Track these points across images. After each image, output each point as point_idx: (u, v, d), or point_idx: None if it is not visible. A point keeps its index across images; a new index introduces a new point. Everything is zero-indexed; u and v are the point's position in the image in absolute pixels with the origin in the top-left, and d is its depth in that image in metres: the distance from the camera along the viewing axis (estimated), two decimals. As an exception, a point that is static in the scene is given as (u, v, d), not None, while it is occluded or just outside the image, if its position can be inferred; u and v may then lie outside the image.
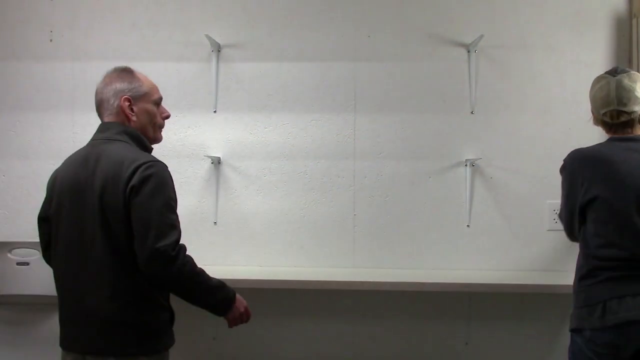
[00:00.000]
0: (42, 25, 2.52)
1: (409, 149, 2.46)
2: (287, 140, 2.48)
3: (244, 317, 1.79)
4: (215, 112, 2.50)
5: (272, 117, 2.49)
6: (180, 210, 1.96)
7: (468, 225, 2.45)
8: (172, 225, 1.54)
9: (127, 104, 1.63)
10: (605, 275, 1.63)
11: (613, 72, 1.78)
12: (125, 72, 1.67)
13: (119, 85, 1.64)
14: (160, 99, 1.75)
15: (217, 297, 1.69)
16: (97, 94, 1.66)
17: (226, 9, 2.50)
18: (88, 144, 1.65)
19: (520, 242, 2.43)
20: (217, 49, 2.48)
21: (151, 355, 1.58)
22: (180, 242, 1.57)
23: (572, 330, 1.70)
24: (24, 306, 2.46)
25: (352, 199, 2.48)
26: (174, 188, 1.60)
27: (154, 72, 2.49)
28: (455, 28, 2.46)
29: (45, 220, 1.66)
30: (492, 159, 2.43)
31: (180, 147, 2.50)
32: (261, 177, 2.49)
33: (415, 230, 2.45)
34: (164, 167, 1.59)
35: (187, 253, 1.59)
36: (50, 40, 2.52)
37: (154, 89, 1.73)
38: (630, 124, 1.74)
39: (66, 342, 1.61)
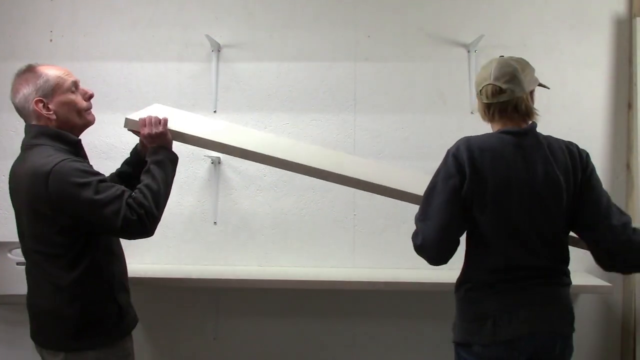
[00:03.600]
0: (42, 25, 2.52)
1: (408, 149, 2.46)
2: (287, 140, 2.48)
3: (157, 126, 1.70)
4: (215, 112, 2.50)
5: (272, 117, 2.49)
6: (180, 210, 1.97)
7: (468, 225, 2.45)
8: (113, 198, 1.48)
9: (40, 105, 1.56)
10: (497, 288, 1.50)
11: (500, 56, 1.63)
12: (28, 73, 1.59)
13: (25, 90, 1.57)
14: (75, 82, 1.64)
15: (169, 171, 1.67)
16: (13, 104, 1.62)
17: (226, 9, 2.50)
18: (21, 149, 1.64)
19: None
20: (217, 49, 2.48)
21: (99, 349, 1.59)
22: (122, 190, 1.52)
23: (457, 344, 1.57)
24: (24, 306, 2.45)
25: (352, 199, 2.48)
26: (78, 166, 1.51)
27: (154, 72, 2.51)
28: (455, 28, 2.46)
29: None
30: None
31: (180, 147, 2.49)
32: (261, 177, 2.49)
33: (415, 230, 2.45)
34: (62, 163, 1.50)
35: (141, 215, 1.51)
36: (50, 40, 2.52)
37: (63, 77, 1.61)
38: (509, 107, 1.55)
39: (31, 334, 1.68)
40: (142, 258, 2.49)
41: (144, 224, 1.51)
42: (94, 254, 1.59)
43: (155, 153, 1.67)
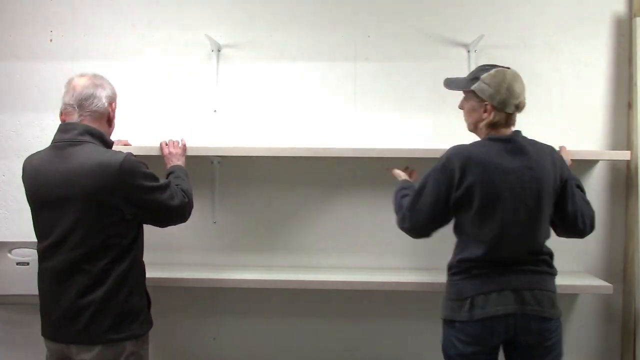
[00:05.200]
0: (42, 25, 2.52)
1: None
2: (287, 140, 2.48)
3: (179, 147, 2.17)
4: (215, 112, 2.50)
5: (272, 117, 2.49)
6: (180, 210, 1.97)
7: (468, 225, 2.45)
8: (167, 184, 1.77)
9: (114, 107, 1.85)
10: (474, 272, 1.71)
11: (502, 67, 1.80)
12: (101, 77, 1.84)
13: (109, 89, 1.82)
14: None
15: (187, 179, 2.00)
16: (83, 94, 1.73)
17: (226, 9, 2.50)
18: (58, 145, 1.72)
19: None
20: (217, 49, 2.48)
21: (134, 340, 1.69)
22: (168, 180, 1.85)
23: (444, 321, 1.79)
24: (24, 306, 2.46)
25: (353, 199, 2.48)
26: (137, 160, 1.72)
27: (154, 72, 2.51)
28: (455, 28, 2.46)
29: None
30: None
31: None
32: (261, 177, 2.49)
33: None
34: (128, 156, 1.70)
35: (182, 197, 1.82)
36: (50, 40, 2.52)
37: None
38: (512, 120, 1.80)
39: (49, 332, 1.72)
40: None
41: (189, 209, 1.84)
42: (140, 245, 1.76)
43: (178, 167, 2.06)
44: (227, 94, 2.50)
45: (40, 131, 2.51)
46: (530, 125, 2.43)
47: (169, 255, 2.49)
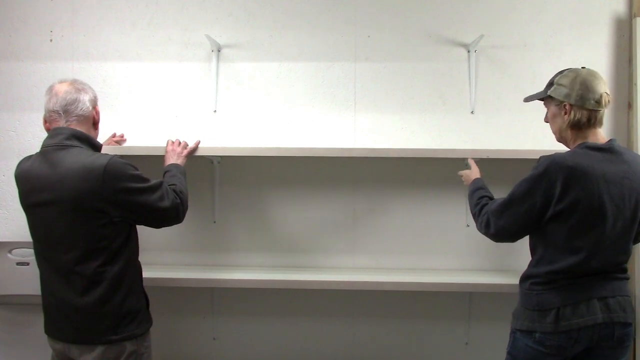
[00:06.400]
0: (42, 25, 2.52)
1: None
2: (287, 140, 2.48)
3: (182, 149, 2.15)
4: (215, 112, 2.50)
5: (272, 117, 2.49)
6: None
7: (468, 225, 2.45)
8: (159, 184, 1.75)
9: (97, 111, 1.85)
10: (561, 283, 1.65)
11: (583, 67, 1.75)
12: (81, 82, 1.82)
13: (91, 93, 1.81)
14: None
15: (185, 182, 1.97)
16: (67, 100, 1.74)
17: (226, 9, 2.50)
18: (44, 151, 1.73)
19: (520, 242, 2.42)
20: (217, 49, 2.48)
21: (134, 340, 1.71)
22: (161, 180, 1.81)
23: (519, 330, 1.72)
24: (24, 306, 2.46)
25: (352, 199, 2.48)
26: (124, 161, 1.71)
27: (154, 72, 2.51)
28: (455, 28, 2.46)
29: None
30: (492, 159, 2.43)
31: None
32: (261, 177, 2.49)
33: (415, 231, 2.45)
34: (114, 158, 1.69)
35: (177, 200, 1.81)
36: (50, 40, 2.52)
37: None
38: (601, 119, 1.71)
39: (52, 331, 1.73)
40: (141, 258, 2.48)
41: (183, 209, 1.81)
42: (133, 246, 1.75)
43: (175, 165, 2.03)
44: (227, 94, 2.50)
45: (40, 131, 2.51)
46: (530, 125, 2.46)
47: (169, 255, 2.49)
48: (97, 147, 1.78)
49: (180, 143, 2.17)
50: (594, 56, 2.45)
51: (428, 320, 2.48)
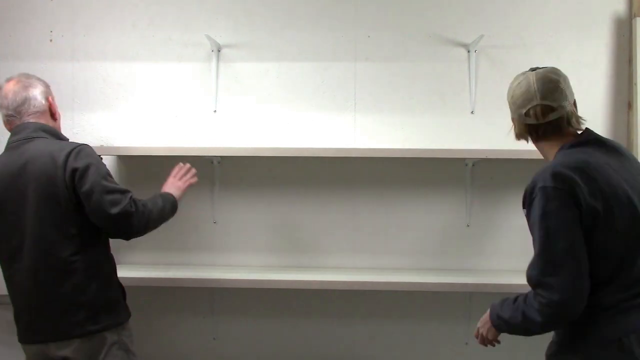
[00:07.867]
0: (42, 25, 2.52)
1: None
2: (287, 140, 2.48)
3: (185, 181, 2.03)
4: (215, 112, 2.50)
5: (272, 117, 2.49)
6: (180, 210, 1.97)
7: (468, 225, 2.45)
8: (120, 190, 1.66)
9: (54, 101, 1.82)
10: (623, 306, 1.34)
11: (532, 69, 1.53)
12: (30, 76, 1.82)
13: (41, 86, 1.80)
14: None
15: (167, 209, 1.86)
16: (17, 99, 1.72)
17: (226, 9, 2.50)
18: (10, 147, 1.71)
19: (520, 242, 2.43)
20: (217, 49, 2.48)
21: (113, 330, 1.69)
22: (127, 190, 1.71)
23: None
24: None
25: (352, 199, 2.47)
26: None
27: (154, 72, 2.51)
28: (455, 28, 2.46)
29: None
30: (492, 159, 2.43)
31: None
32: (261, 177, 2.49)
33: (415, 230, 2.45)
34: (85, 145, 1.70)
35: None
36: (50, 40, 2.52)
37: None
38: (560, 124, 1.46)
39: (26, 335, 1.71)
40: (141, 258, 2.49)
41: (135, 224, 1.66)
42: (104, 238, 1.73)
43: (165, 193, 1.92)
44: (227, 94, 2.50)
45: (40, 131, 2.51)
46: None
47: (169, 255, 2.49)
48: (63, 138, 1.78)
49: (185, 174, 2.05)
50: (594, 56, 2.45)
51: (428, 320, 2.48)
